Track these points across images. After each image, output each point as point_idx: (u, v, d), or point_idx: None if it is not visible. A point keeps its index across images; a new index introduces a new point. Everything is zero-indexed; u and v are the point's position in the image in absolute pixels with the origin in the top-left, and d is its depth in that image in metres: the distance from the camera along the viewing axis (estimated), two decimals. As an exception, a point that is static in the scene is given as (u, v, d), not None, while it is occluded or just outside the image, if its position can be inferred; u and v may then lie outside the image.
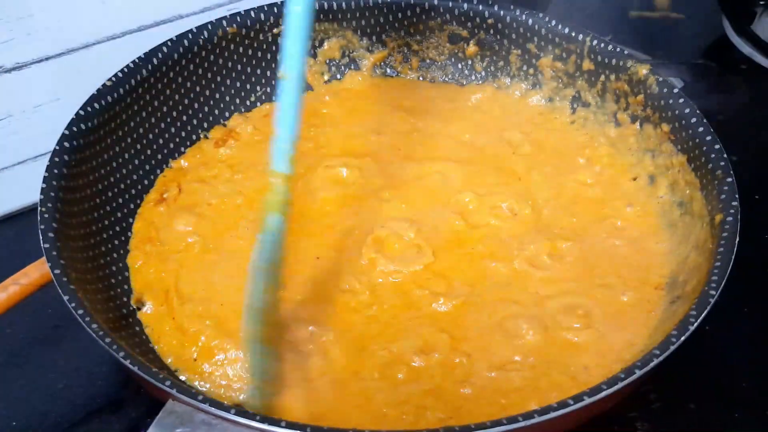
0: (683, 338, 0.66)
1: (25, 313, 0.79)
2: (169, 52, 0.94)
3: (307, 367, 0.75)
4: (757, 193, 0.97)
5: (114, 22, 0.99)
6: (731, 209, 0.77)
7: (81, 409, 0.80)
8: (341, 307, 0.80)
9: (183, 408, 0.63)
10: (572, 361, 0.76)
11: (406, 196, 0.91)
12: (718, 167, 0.81)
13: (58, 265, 0.72)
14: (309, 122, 1.00)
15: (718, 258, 0.73)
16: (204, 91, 1.00)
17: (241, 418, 0.61)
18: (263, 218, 0.74)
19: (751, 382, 0.83)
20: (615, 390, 0.63)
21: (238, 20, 0.99)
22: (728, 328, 0.86)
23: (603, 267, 0.84)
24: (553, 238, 0.86)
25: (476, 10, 1.02)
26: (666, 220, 0.88)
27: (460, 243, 0.86)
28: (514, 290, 0.82)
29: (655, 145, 0.92)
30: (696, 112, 0.87)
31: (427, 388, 0.73)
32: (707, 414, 0.80)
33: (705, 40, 1.23)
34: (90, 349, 0.82)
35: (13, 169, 0.98)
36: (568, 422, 0.66)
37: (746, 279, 0.81)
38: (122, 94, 0.90)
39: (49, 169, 0.80)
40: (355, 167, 0.93)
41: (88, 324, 0.69)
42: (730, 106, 1.06)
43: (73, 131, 0.84)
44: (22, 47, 0.93)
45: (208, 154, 0.97)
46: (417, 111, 1.03)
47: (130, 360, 0.67)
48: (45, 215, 0.76)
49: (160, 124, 0.95)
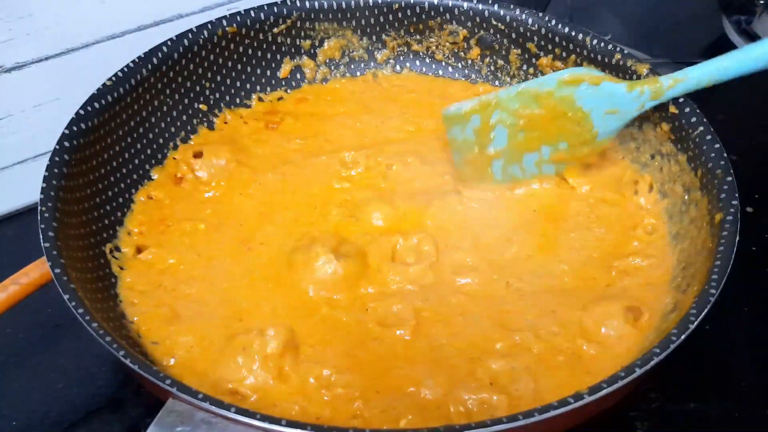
0: (683, 337, 0.66)
1: (25, 313, 0.79)
2: (168, 51, 0.94)
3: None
4: (757, 192, 0.97)
5: (114, 22, 0.99)
6: (731, 208, 0.77)
7: (81, 409, 0.80)
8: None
9: (183, 406, 0.63)
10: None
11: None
12: (718, 166, 0.82)
13: (59, 265, 0.72)
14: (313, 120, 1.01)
15: (718, 257, 0.73)
16: (204, 91, 1.00)
17: (242, 417, 0.61)
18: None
19: (751, 382, 0.83)
20: (615, 388, 0.63)
21: (238, 20, 0.99)
22: (728, 328, 0.86)
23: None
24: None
25: (476, 9, 1.02)
26: (668, 217, 0.88)
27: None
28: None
29: (655, 145, 0.92)
30: (696, 112, 0.87)
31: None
32: (707, 414, 0.80)
33: (705, 40, 1.24)
34: (90, 349, 0.82)
35: (13, 168, 0.98)
36: (568, 421, 0.66)
37: (746, 279, 0.82)
38: (122, 93, 0.90)
39: (49, 168, 0.80)
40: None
41: (88, 323, 0.69)
42: (730, 106, 1.06)
43: (73, 131, 0.84)
44: (22, 47, 0.93)
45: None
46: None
47: (131, 359, 0.66)
48: (45, 215, 0.76)
49: (160, 123, 0.95)
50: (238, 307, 0.81)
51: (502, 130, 0.88)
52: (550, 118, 0.87)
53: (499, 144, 0.89)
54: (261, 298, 0.82)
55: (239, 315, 0.80)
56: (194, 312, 0.80)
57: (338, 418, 0.71)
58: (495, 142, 0.89)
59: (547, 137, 0.88)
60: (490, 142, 0.89)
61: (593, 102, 0.86)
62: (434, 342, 0.78)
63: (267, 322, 0.78)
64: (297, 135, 1.00)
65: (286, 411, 0.72)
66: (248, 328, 0.77)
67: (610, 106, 0.86)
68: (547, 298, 0.81)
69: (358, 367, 0.75)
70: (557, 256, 0.86)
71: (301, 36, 1.04)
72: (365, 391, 0.73)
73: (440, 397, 0.73)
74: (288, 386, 0.74)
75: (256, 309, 0.81)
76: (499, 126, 0.88)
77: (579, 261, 0.85)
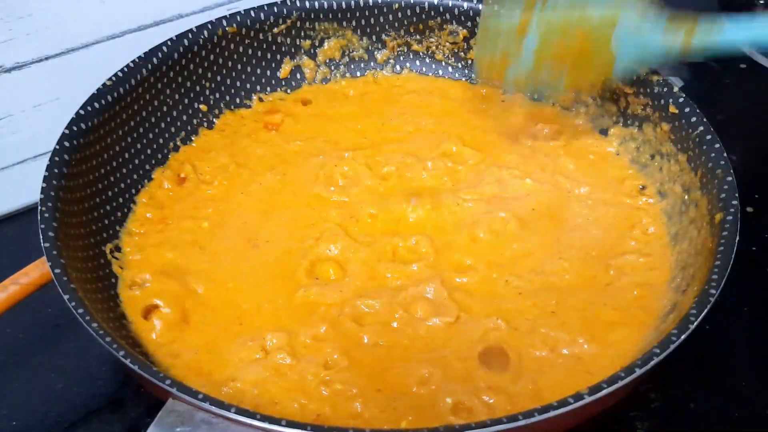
0: (683, 337, 0.66)
1: (25, 313, 0.79)
2: (168, 51, 0.95)
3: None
4: (757, 192, 0.97)
5: (114, 22, 0.99)
6: (731, 208, 0.77)
7: (81, 409, 0.80)
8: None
9: (183, 407, 0.63)
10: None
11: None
12: (718, 166, 0.82)
13: (59, 265, 0.72)
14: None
15: (718, 257, 0.73)
16: (204, 91, 1.00)
17: (242, 417, 0.61)
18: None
19: (751, 382, 0.83)
20: (615, 388, 0.63)
21: (238, 20, 0.99)
22: (728, 328, 0.86)
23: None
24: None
25: (476, 9, 1.02)
26: (667, 218, 0.88)
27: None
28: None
29: (655, 145, 0.92)
30: (696, 112, 0.87)
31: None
32: (707, 414, 0.80)
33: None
34: (90, 349, 0.82)
35: (13, 168, 0.98)
36: (568, 421, 0.66)
37: (746, 279, 0.81)
38: (122, 93, 0.90)
39: (49, 168, 0.80)
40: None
41: (88, 323, 0.69)
42: (730, 106, 1.06)
43: (73, 131, 0.84)
44: (22, 47, 0.94)
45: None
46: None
47: (131, 359, 0.66)
48: (45, 215, 0.76)
49: (160, 123, 0.95)
50: (242, 305, 0.81)
51: (534, 35, 0.88)
52: (583, 36, 0.87)
53: (530, 46, 0.89)
54: (264, 297, 0.82)
55: (242, 313, 0.80)
56: (197, 311, 0.80)
57: (338, 416, 0.71)
58: (525, 43, 0.89)
59: (572, 56, 0.89)
60: (521, 41, 0.89)
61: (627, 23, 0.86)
62: (434, 341, 0.78)
63: (269, 321, 0.79)
64: (297, 136, 1.00)
65: (286, 409, 0.72)
66: (250, 327, 0.78)
67: (637, 36, 0.86)
68: (547, 296, 0.81)
69: (357, 366, 0.75)
70: (557, 254, 0.85)
71: (301, 36, 1.04)
72: (365, 390, 0.73)
73: (439, 396, 0.73)
74: (287, 384, 0.74)
75: (259, 308, 0.81)
76: (533, 31, 0.88)
77: (578, 259, 0.85)
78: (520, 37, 0.88)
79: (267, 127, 1.01)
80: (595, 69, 0.88)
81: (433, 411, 0.72)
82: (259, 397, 0.73)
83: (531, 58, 0.89)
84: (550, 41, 0.88)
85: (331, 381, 0.74)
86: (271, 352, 0.76)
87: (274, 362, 0.75)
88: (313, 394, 0.73)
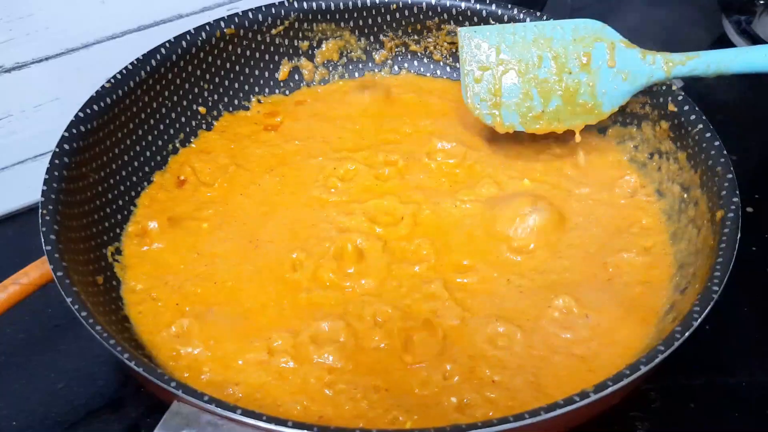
0: (687, 334, 0.67)
1: (25, 313, 0.79)
2: (167, 53, 0.94)
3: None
4: (757, 192, 0.98)
5: (114, 22, 0.99)
6: (732, 205, 0.77)
7: (81, 409, 0.80)
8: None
9: (189, 409, 0.63)
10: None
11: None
12: (718, 164, 0.82)
13: (61, 268, 0.72)
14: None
15: (720, 254, 0.73)
16: (203, 93, 1.00)
17: (248, 419, 0.61)
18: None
19: (751, 382, 0.83)
20: (620, 386, 0.64)
21: (236, 21, 0.99)
22: (728, 328, 0.86)
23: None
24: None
25: (474, 9, 1.02)
26: (666, 217, 0.88)
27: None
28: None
29: (654, 143, 0.92)
30: (695, 110, 0.87)
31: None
32: (707, 414, 0.80)
33: (705, 40, 1.24)
34: (90, 349, 0.82)
35: (13, 168, 0.98)
36: (572, 419, 0.66)
37: (746, 278, 0.82)
38: (121, 95, 0.90)
39: (49, 171, 0.80)
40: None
41: (92, 326, 0.68)
42: (730, 106, 1.06)
43: (73, 133, 0.84)
44: (22, 47, 0.93)
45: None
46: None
47: (135, 362, 0.66)
48: (46, 218, 0.76)
49: (159, 125, 0.95)
50: (244, 306, 0.81)
51: (513, 73, 0.92)
52: (559, 68, 0.90)
53: (512, 79, 0.92)
54: (266, 298, 0.81)
55: (245, 314, 0.80)
56: (199, 312, 0.80)
57: (341, 417, 0.71)
58: (507, 77, 0.92)
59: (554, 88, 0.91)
60: (504, 75, 0.92)
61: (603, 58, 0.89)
62: (434, 340, 0.78)
63: (272, 322, 0.79)
64: (296, 137, 1.00)
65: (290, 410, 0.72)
66: (253, 328, 0.78)
67: (621, 68, 0.88)
68: (548, 294, 0.81)
69: (360, 366, 0.75)
70: (557, 252, 0.86)
71: (299, 37, 1.04)
72: (368, 390, 0.73)
73: (442, 395, 0.73)
74: (290, 386, 0.74)
75: (262, 309, 0.80)
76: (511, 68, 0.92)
77: (578, 258, 0.85)
78: (501, 71, 0.92)
79: (266, 129, 1.01)
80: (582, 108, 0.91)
81: (435, 409, 0.72)
82: (262, 399, 0.73)
83: (520, 82, 0.92)
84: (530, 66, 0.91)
85: (334, 382, 0.74)
86: (274, 353, 0.76)
87: (276, 364, 0.75)
88: (316, 396, 0.73)
